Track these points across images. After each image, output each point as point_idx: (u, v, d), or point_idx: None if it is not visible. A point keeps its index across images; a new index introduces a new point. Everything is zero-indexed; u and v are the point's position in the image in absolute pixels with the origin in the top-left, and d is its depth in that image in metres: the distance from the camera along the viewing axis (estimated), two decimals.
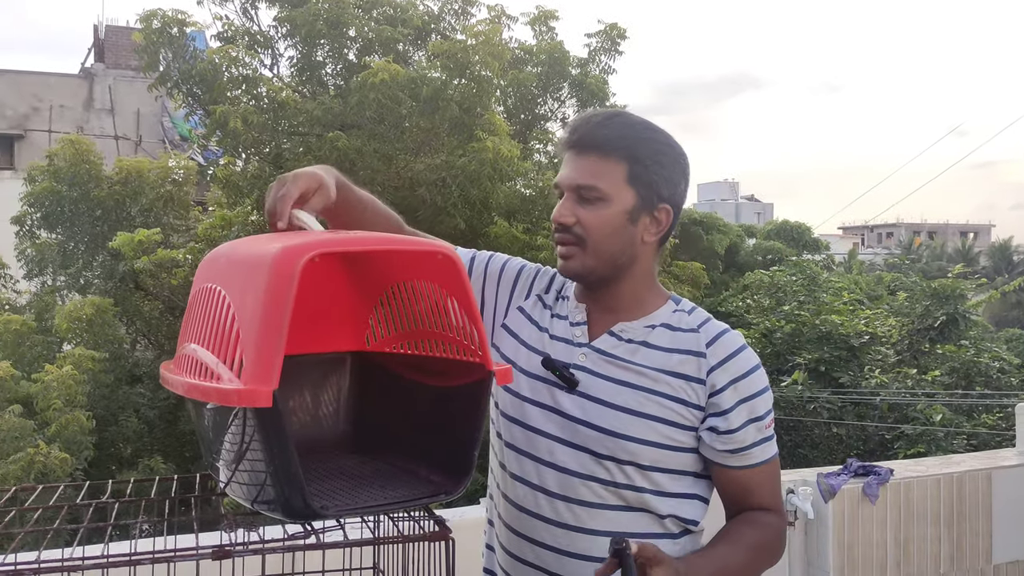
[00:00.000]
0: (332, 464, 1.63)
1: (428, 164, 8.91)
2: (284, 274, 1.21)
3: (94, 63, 22.48)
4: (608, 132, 1.40)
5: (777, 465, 1.47)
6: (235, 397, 1.20)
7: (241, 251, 1.41)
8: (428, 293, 1.48)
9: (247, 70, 9.74)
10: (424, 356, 1.55)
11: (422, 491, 1.35)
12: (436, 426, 1.49)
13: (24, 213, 11.19)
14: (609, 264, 1.42)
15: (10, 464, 7.33)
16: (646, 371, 1.41)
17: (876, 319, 13.69)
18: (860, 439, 11.71)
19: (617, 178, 1.40)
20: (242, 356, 1.23)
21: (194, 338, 1.45)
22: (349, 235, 1.36)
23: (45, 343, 9.82)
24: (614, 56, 11.39)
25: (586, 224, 1.40)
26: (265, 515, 1.31)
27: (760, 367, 1.44)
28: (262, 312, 1.22)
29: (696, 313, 1.48)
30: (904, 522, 4.14)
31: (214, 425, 1.37)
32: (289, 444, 1.20)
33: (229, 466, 1.36)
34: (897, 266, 28.86)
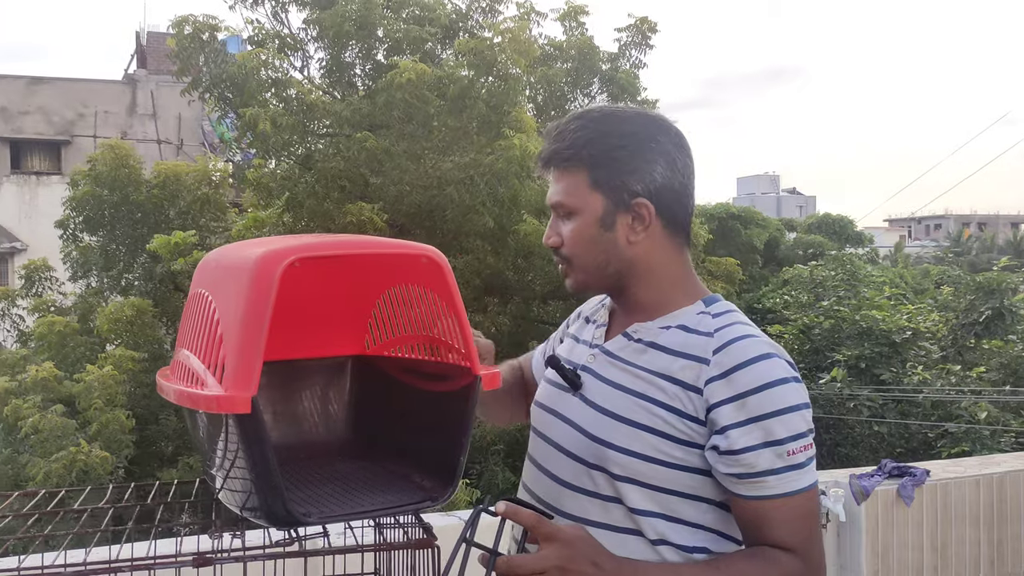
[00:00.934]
0: (329, 469, 1.63)
1: (456, 163, 8.92)
2: (264, 278, 1.20)
3: (137, 69, 22.90)
4: (562, 143, 1.33)
5: (809, 500, 1.23)
6: (215, 403, 1.20)
7: (228, 256, 1.41)
8: (420, 298, 1.47)
9: (277, 73, 9.83)
10: (419, 360, 1.54)
11: (409, 497, 1.34)
12: (429, 430, 1.48)
13: (67, 217, 11.42)
14: (599, 275, 1.35)
15: (53, 463, 7.48)
16: (645, 375, 1.29)
17: (919, 314, 13.41)
18: (902, 437, 11.49)
19: (581, 187, 1.32)
20: (223, 362, 1.23)
21: (187, 344, 1.46)
22: (331, 239, 1.36)
23: (88, 344, 10.01)
24: (644, 50, 11.32)
25: (567, 242, 1.35)
26: (253, 522, 1.31)
27: (786, 382, 1.22)
28: (242, 317, 1.21)
29: (724, 316, 1.31)
30: (942, 525, 4.05)
31: (207, 433, 1.37)
32: (268, 450, 1.19)
33: (220, 473, 1.36)
34: (944, 259, 28.24)
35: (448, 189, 8.81)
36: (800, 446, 1.21)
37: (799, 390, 1.24)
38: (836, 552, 3.97)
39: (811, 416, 1.26)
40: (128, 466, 8.64)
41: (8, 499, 1.51)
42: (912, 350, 12.56)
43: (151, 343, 9.92)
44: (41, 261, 11.62)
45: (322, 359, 1.81)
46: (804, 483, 1.22)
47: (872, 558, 3.90)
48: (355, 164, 9.26)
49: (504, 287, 10.02)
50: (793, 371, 1.26)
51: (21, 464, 7.86)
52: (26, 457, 7.89)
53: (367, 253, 1.39)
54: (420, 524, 1.37)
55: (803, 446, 1.22)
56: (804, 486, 1.22)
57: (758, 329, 1.31)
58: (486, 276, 9.79)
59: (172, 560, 1.16)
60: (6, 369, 9.27)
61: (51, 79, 21.71)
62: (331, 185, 9.51)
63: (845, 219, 28.08)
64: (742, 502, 1.23)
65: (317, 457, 1.72)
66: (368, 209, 9.08)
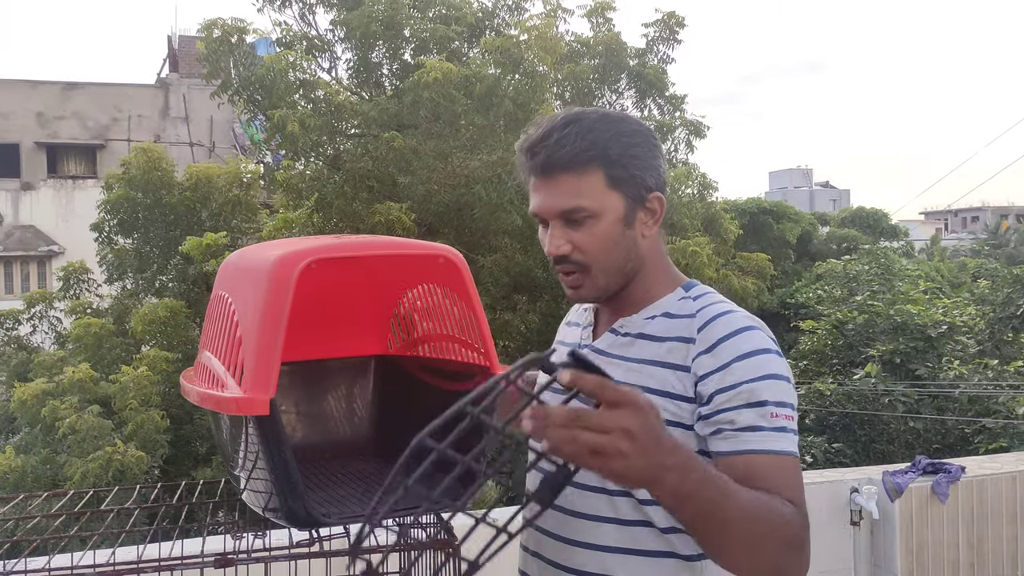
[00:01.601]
0: (352, 468, 1.64)
1: (484, 161, 8.92)
2: (280, 281, 1.21)
3: (169, 73, 23.19)
4: (571, 145, 1.29)
5: (795, 466, 1.22)
6: (234, 405, 1.21)
7: (247, 259, 1.42)
8: (440, 297, 1.47)
9: (305, 74, 9.90)
10: (440, 359, 1.55)
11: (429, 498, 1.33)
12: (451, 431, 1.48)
13: (102, 220, 11.59)
14: (619, 276, 1.34)
15: (90, 462, 7.60)
16: (635, 366, 1.30)
17: (955, 308, 13.19)
18: (939, 433, 11.31)
19: (598, 189, 1.30)
20: (243, 364, 1.24)
21: (209, 346, 1.47)
22: (349, 240, 1.36)
23: (123, 345, 10.16)
24: (672, 45, 11.24)
25: (583, 248, 1.30)
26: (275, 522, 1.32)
27: (769, 352, 1.24)
28: (260, 320, 1.22)
29: (703, 298, 1.33)
30: (977, 522, 3.99)
31: (230, 435, 1.39)
32: (287, 451, 1.20)
33: (243, 474, 1.37)
34: (981, 252, 27.76)
35: (476, 187, 8.81)
36: (784, 413, 1.21)
37: (781, 362, 1.25)
38: (870, 550, 3.93)
39: (793, 393, 1.26)
40: (163, 466, 8.76)
41: (38, 500, 1.54)
42: (948, 344, 12.35)
43: (184, 344, 10.04)
44: (79, 263, 11.80)
45: (346, 359, 1.82)
46: (788, 447, 1.20)
47: (907, 556, 3.85)
48: (383, 164, 9.29)
49: (533, 285, 10.01)
50: (775, 344, 1.27)
51: (59, 464, 8.00)
52: (64, 457, 8.03)
53: (384, 254, 1.40)
54: (442, 525, 1.37)
55: (786, 414, 1.21)
56: (789, 450, 1.21)
57: (737, 307, 1.32)
58: (515, 274, 9.78)
59: (197, 560, 1.17)
60: (44, 371, 9.44)
61: (85, 84, 22.07)
62: (359, 185, 9.55)
63: (879, 212, 27.73)
64: (729, 459, 1.20)
65: (341, 456, 1.73)
66: (396, 209, 9.11)
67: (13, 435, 9.89)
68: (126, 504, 1.49)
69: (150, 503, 1.52)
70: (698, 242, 9.71)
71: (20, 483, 7.95)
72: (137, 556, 1.38)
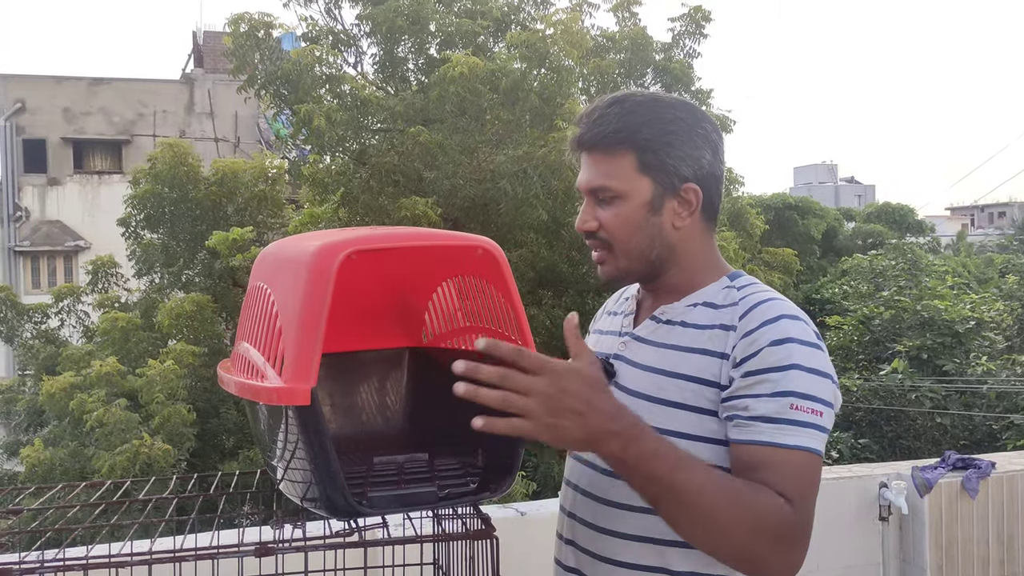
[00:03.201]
0: (387, 459, 1.64)
1: (509, 156, 8.91)
2: (321, 271, 1.21)
3: (194, 68, 23.34)
4: (606, 125, 1.31)
5: (809, 461, 1.18)
6: (275, 396, 1.21)
7: (286, 250, 1.42)
8: (476, 289, 1.47)
9: (331, 69, 9.93)
10: (475, 352, 1.54)
11: (467, 488, 1.34)
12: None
13: (128, 215, 11.69)
14: (641, 261, 1.34)
15: (117, 455, 7.67)
16: (674, 352, 1.30)
17: (983, 303, 13.06)
18: (966, 429, 11.21)
19: (628, 171, 1.31)
20: (283, 354, 1.24)
21: (247, 336, 1.48)
22: (387, 231, 1.36)
23: (150, 339, 10.24)
24: (699, 40, 11.17)
25: (607, 226, 1.33)
26: (313, 512, 1.32)
27: (803, 343, 1.22)
28: (300, 310, 1.23)
29: (748, 288, 1.32)
30: (1008, 518, 3.95)
31: (268, 425, 1.39)
32: (327, 441, 1.20)
33: (281, 464, 1.38)
34: (1008, 247, 27.42)
35: (501, 182, 8.80)
36: (808, 406, 1.19)
37: (816, 355, 1.23)
38: (899, 546, 3.91)
39: (830, 390, 1.23)
40: (190, 459, 8.84)
41: (76, 490, 1.56)
42: (976, 340, 12.24)
43: (211, 338, 10.12)
44: (108, 257, 11.90)
45: (379, 351, 1.83)
46: (803, 442, 1.18)
47: (936, 551, 3.82)
48: (409, 158, 9.31)
49: (558, 280, 10.00)
50: (817, 339, 1.25)
51: (87, 457, 8.09)
52: (92, 450, 8.12)
53: (423, 245, 1.40)
54: (479, 515, 1.37)
55: (811, 408, 1.19)
56: (803, 444, 1.18)
57: (781, 296, 1.31)
58: (540, 269, 9.77)
59: (235, 550, 1.17)
60: (72, 364, 9.54)
61: (111, 80, 22.25)
62: (385, 180, 9.57)
63: (905, 208, 27.48)
64: (737, 448, 1.20)
65: (376, 448, 1.73)
66: (422, 203, 9.12)
67: (42, 428, 10.02)
68: (164, 494, 1.50)
69: (187, 494, 1.54)
70: (724, 237, 9.66)
71: (48, 476, 8.04)
72: (174, 546, 1.39)
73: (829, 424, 1.22)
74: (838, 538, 3.77)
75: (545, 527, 2.95)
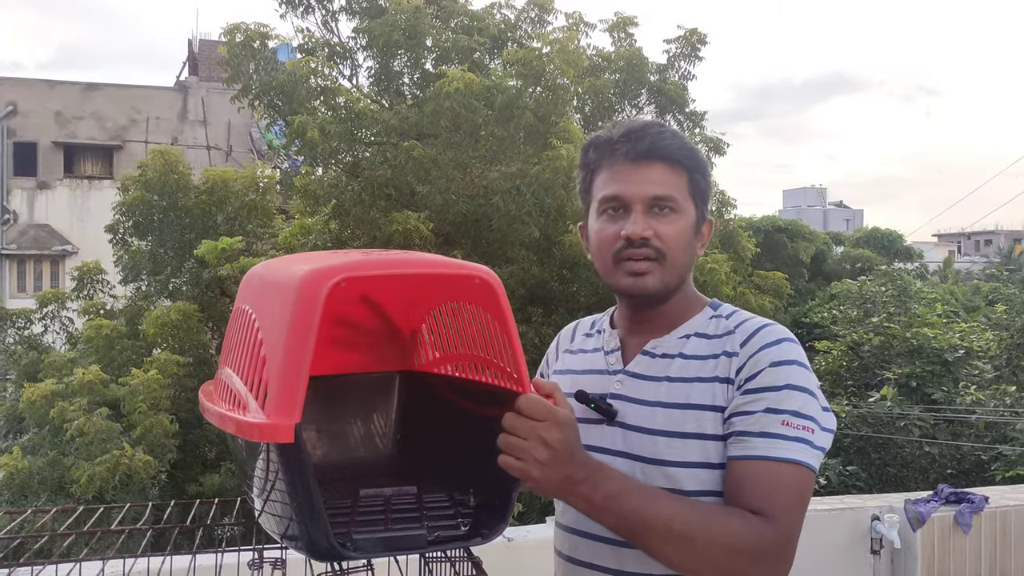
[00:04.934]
0: (374, 492, 1.56)
1: (503, 172, 8.88)
2: (309, 299, 1.15)
3: (188, 76, 23.30)
4: (670, 142, 1.35)
5: (797, 474, 1.21)
6: (256, 432, 1.14)
7: (273, 272, 1.36)
8: (473, 317, 1.41)
9: (326, 81, 9.89)
10: (470, 380, 1.48)
11: (458, 532, 1.27)
12: (480, 456, 1.41)
13: (117, 222, 11.56)
14: (679, 279, 1.37)
15: (97, 466, 7.54)
16: (680, 384, 1.31)
17: (972, 332, 13.07)
18: (954, 459, 11.17)
19: (683, 190, 1.35)
20: (266, 385, 1.17)
21: (229, 362, 1.41)
22: (380, 256, 1.29)
23: (134, 347, 10.10)
24: (694, 62, 11.19)
25: (665, 237, 1.32)
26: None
27: (796, 363, 1.27)
28: (286, 339, 1.16)
29: (735, 316, 1.37)
30: (1000, 554, 3.93)
31: (247, 453, 1.32)
32: (311, 480, 1.13)
33: (260, 497, 1.31)
34: (996, 276, 27.57)
35: (494, 199, 8.77)
36: (801, 424, 1.23)
37: (807, 376, 1.28)
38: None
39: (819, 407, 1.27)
40: (171, 470, 8.70)
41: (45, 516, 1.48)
42: (964, 369, 12.24)
43: (196, 348, 10.00)
44: (94, 264, 11.77)
45: (370, 374, 1.76)
46: (794, 455, 1.21)
47: None
48: (402, 172, 9.26)
49: (549, 298, 9.94)
50: (806, 360, 1.31)
51: (66, 466, 7.95)
52: (71, 459, 7.98)
53: (418, 273, 1.33)
54: (470, 558, 1.30)
55: (804, 425, 1.23)
56: (793, 457, 1.21)
57: (771, 320, 1.37)
58: (531, 286, 9.73)
59: None
60: (54, 371, 9.40)
61: (105, 85, 22.18)
62: (377, 193, 9.52)
63: (894, 233, 27.61)
64: (731, 464, 1.24)
65: (362, 477, 1.66)
66: (414, 218, 9.07)
67: (21, 435, 9.86)
68: (138, 524, 1.42)
69: (162, 523, 1.46)
70: (716, 259, 9.64)
71: (26, 484, 7.91)
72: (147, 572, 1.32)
73: (822, 442, 1.25)
74: (829, 571, 3.73)
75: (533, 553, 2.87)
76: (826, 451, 1.27)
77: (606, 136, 1.38)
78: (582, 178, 1.43)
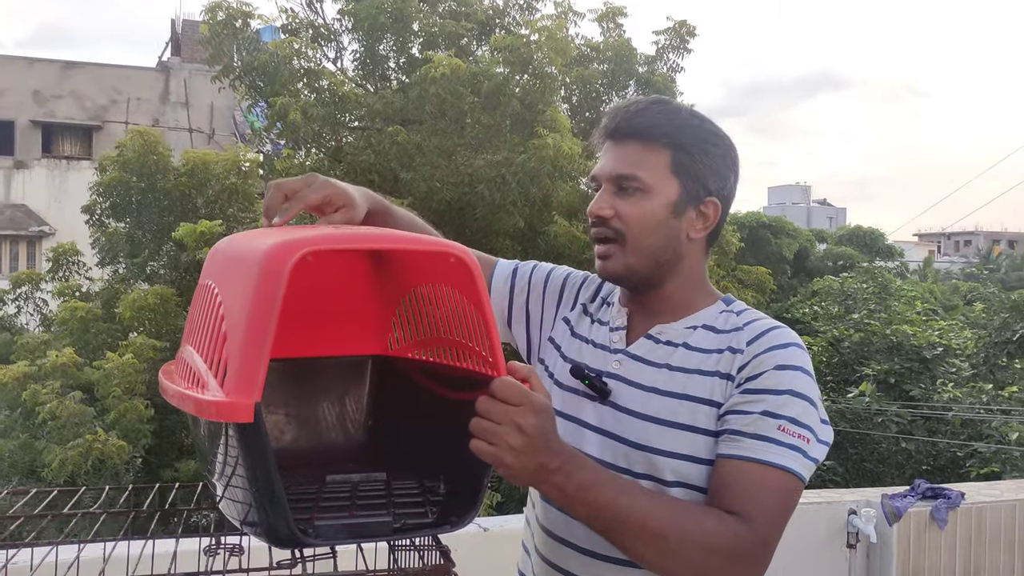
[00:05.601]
0: (342, 477, 1.51)
1: (488, 160, 8.80)
2: (272, 273, 1.09)
3: (170, 57, 23.03)
4: (648, 119, 1.30)
5: (783, 480, 1.19)
6: (214, 410, 1.08)
7: (237, 246, 1.30)
8: (448, 298, 1.36)
9: (310, 63, 9.76)
10: (444, 364, 1.43)
11: (426, 520, 1.22)
12: (451, 442, 1.37)
13: (94, 203, 11.40)
14: (651, 262, 1.31)
15: (69, 450, 7.44)
16: (680, 374, 1.28)
17: (951, 331, 13.18)
18: (930, 455, 11.27)
19: (660, 167, 1.29)
20: (226, 363, 1.11)
21: (190, 339, 1.35)
22: (350, 231, 1.23)
23: (110, 331, 9.98)
24: (683, 54, 11.15)
25: (625, 217, 1.29)
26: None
27: (802, 370, 1.24)
28: (248, 315, 1.10)
29: (747, 313, 1.33)
30: (975, 549, 3.95)
31: (208, 436, 1.27)
32: (271, 463, 1.07)
33: (220, 481, 1.25)
34: (975, 276, 27.82)
35: (479, 187, 8.70)
36: (797, 431, 1.20)
37: (813, 386, 1.25)
38: (866, 574, 3.90)
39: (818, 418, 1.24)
40: (145, 456, 8.60)
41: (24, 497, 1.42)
42: (942, 366, 12.34)
43: (173, 332, 9.87)
44: (69, 245, 11.61)
45: (340, 358, 1.71)
46: (785, 462, 1.19)
47: None
48: (386, 158, 9.17)
49: None
50: (811, 369, 1.28)
51: (38, 450, 7.85)
52: (43, 443, 7.87)
53: (388, 248, 1.28)
54: (437, 547, 1.25)
55: (799, 433, 1.20)
56: (784, 464, 1.18)
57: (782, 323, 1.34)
58: None
59: None
60: (27, 353, 9.28)
61: (85, 64, 21.89)
62: (360, 178, 9.41)
63: (876, 232, 27.78)
64: (720, 461, 1.21)
65: (331, 463, 1.61)
66: (397, 204, 8.96)
67: None
68: (93, 508, 1.36)
69: (117, 507, 1.40)
70: None
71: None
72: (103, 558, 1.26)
73: (816, 454, 1.21)
74: (805, 564, 3.73)
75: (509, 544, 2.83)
76: (819, 463, 1.24)
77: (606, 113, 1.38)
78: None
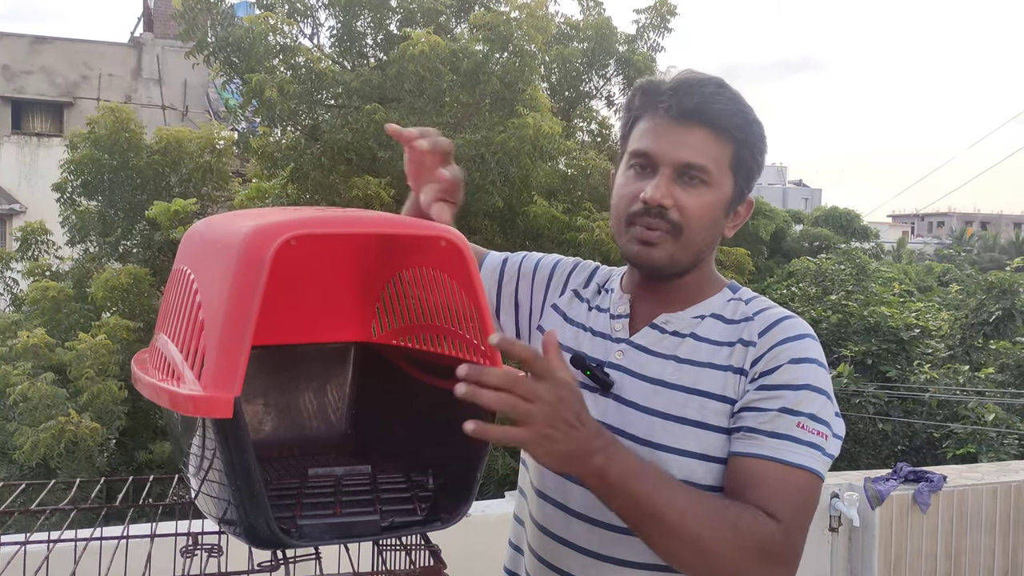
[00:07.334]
0: (324, 472, 1.45)
1: (467, 140, 8.69)
2: (253, 260, 1.01)
3: (143, 32, 22.60)
4: (722, 107, 1.20)
5: (806, 481, 1.14)
6: (191, 405, 1.01)
7: (215, 229, 1.22)
8: (438, 284, 1.29)
9: (286, 39, 9.59)
10: (432, 353, 1.37)
11: (414, 517, 1.16)
12: (440, 435, 1.31)
13: (65, 180, 11.18)
14: (694, 257, 1.25)
15: (41, 432, 7.32)
16: (688, 367, 1.22)
17: (927, 312, 13.27)
18: (906, 436, 11.37)
19: (723, 161, 1.21)
20: (204, 354, 1.04)
21: (165, 327, 1.28)
22: (335, 214, 1.16)
23: (82, 311, 9.81)
24: (663, 33, 11.06)
25: (686, 210, 1.20)
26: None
27: (817, 363, 1.19)
28: (226, 304, 1.02)
29: (755, 301, 1.27)
30: (956, 532, 3.96)
31: (183, 427, 1.20)
32: (251, 459, 1.01)
33: (196, 476, 1.19)
34: (949, 257, 28.10)
35: (458, 167, 8.59)
36: (816, 428, 1.15)
37: (827, 379, 1.21)
38: (847, 558, 3.91)
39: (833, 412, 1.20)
40: (120, 437, 8.49)
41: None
42: (919, 348, 12.43)
43: (147, 312, 9.72)
44: (39, 224, 11.38)
45: (322, 345, 1.64)
46: (806, 462, 1.14)
47: (884, 565, 3.82)
48: (363, 137, 9.03)
49: None
50: (824, 360, 1.24)
51: (8, 432, 7.72)
52: (14, 425, 7.75)
53: (376, 233, 1.21)
54: (427, 546, 1.19)
55: (818, 430, 1.15)
56: (805, 464, 1.14)
57: (793, 312, 1.29)
58: None
59: None
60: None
61: (55, 39, 21.43)
62: (337, 157, 9.29)
63: (852, 213, 27.93)
64: (738, 459, 1.15)
65: (313, 454, 1.55)
66: (375, 183, 8.87)
67: None
68: (63, 504, 1.29)
69: (89, 503, 1.33)
70: None
71: None
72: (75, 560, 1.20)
73: (832, 449, 1.17)
74: None
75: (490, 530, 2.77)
76: (834, 458, 1.20)
77: (656, 83, 1.25)
78: (623, 123, 1.30)
